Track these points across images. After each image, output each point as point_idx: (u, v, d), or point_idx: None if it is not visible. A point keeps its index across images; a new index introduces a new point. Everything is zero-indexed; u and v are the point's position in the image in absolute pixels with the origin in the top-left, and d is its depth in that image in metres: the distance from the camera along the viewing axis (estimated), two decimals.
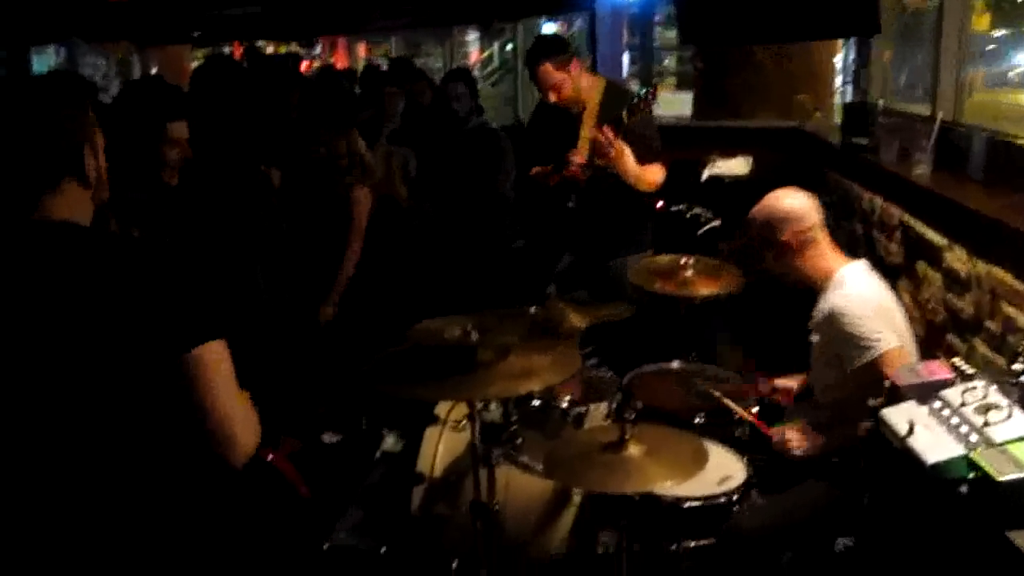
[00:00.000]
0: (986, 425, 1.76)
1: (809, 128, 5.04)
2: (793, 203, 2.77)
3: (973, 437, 1.75)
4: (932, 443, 1.79)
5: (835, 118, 5.07)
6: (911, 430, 1.84)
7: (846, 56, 6.01)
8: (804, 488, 2.63)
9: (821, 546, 2.61)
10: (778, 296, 3.13)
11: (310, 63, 13.94)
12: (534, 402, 2.92)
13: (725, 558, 2.60)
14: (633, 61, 7.77)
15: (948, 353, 2.88)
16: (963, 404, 1.85)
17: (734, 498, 2.61)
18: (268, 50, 13.08)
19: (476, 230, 4.96)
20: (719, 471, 2.67)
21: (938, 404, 1.89)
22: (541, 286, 4.19)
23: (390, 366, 2.35)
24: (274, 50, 13.72)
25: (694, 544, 2.59)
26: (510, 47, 10.76)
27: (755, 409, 2.95)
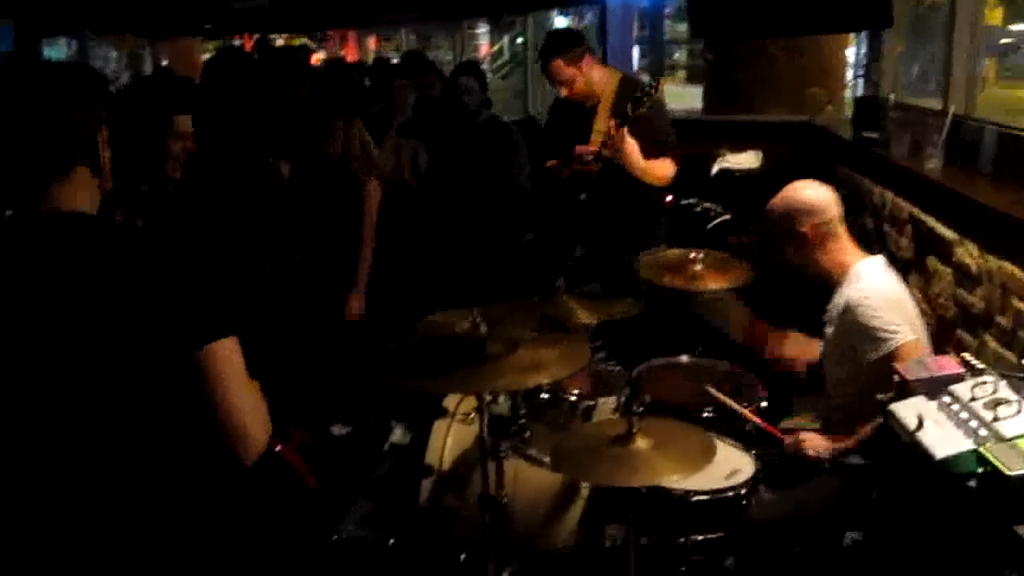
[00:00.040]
0: (996, 420, 1.76)
1: (820, 122, 5.02)
2: (813, 195, 2.75)
3: (982, 432, 1.75)
4: (941, 438, 1.79)
5: (846, 112, 5.05)
6: (920, 424, 1.84)
7: (858, 50, 5.98)
8: (817, 483, 2.62)
9: (831, 541, 2.61)
10: (790, 286, 3.11)
11: (320, 56, 13.95)
12: (543, 395, 2.92)
13: (740, 551, 2.60)
14: (643, 55, 7.75)
15: (958, 348, 2.87)
16: (973, 399, 1.84)
17: (742, 492, 2.60)
18: (278, 43, 13.09)
19: (490, 223, 4.95)
20: (727, 465, 2.66)
21: (947, 399, 1.89)
22: (550, 279, 4.19)
23: (399, 359, 2.35)
24: (284, 43, 13.74)
25: (702, 538, 2.59)
26: (520, 40, 10.74)
27: (764, 403, 2.94)
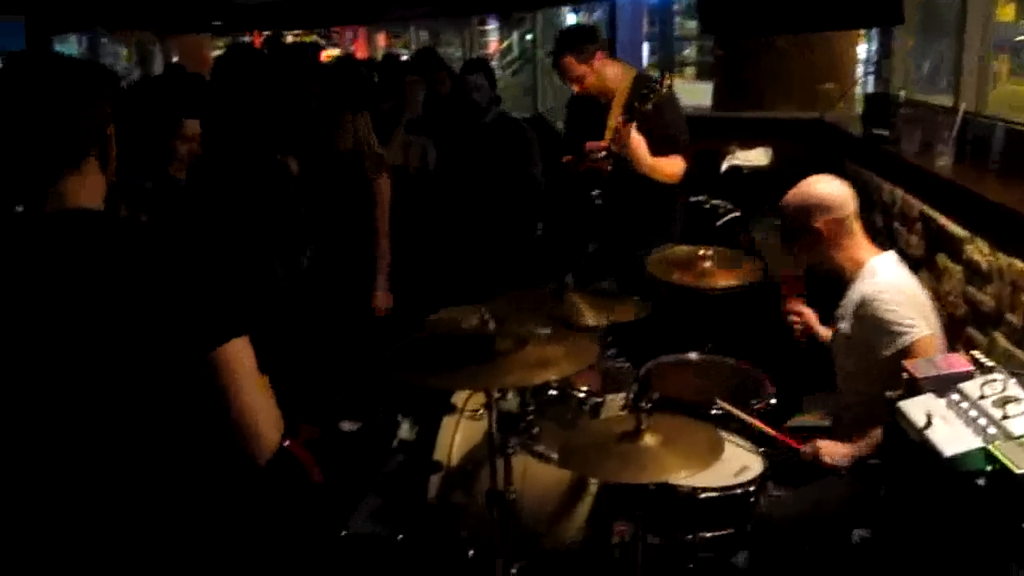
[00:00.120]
0: (1005, 418, 1.76)
1: (830, 119, 5.01)
2: (828, 191, 2.73)
3: (991, 430, 1.75)
4: (950, 435, 1.78)
5: (856, 109, 5.03)
6: (929, 422, 1.83)
7: (868, 46, 5.96)
8: (826, 481, 2.61)
9: (842, 538, 2.60)
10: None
11: (330, 53, 13.97)
12: (551, 392, 2.93)
13: (750, 548, 2.59)
14: (653, 51, 7.72)
15: (968, 346, 2.86)
16: (982, 397, 1.84)
17: (751, 490, 2.60)
18: (288, 39, 13.10)
19: (500, 218, 4.94)
20: (736, 462, 2.66)
21: (956, 397, 1.89)
22: (559, 273, 4.18)
23: (408, 355, 2.36)
24: (294, 40, 13.75)
25: (710, 535, 2.59)
26: (529, 37, 10.73)
27: (772, 400, 2.94)
